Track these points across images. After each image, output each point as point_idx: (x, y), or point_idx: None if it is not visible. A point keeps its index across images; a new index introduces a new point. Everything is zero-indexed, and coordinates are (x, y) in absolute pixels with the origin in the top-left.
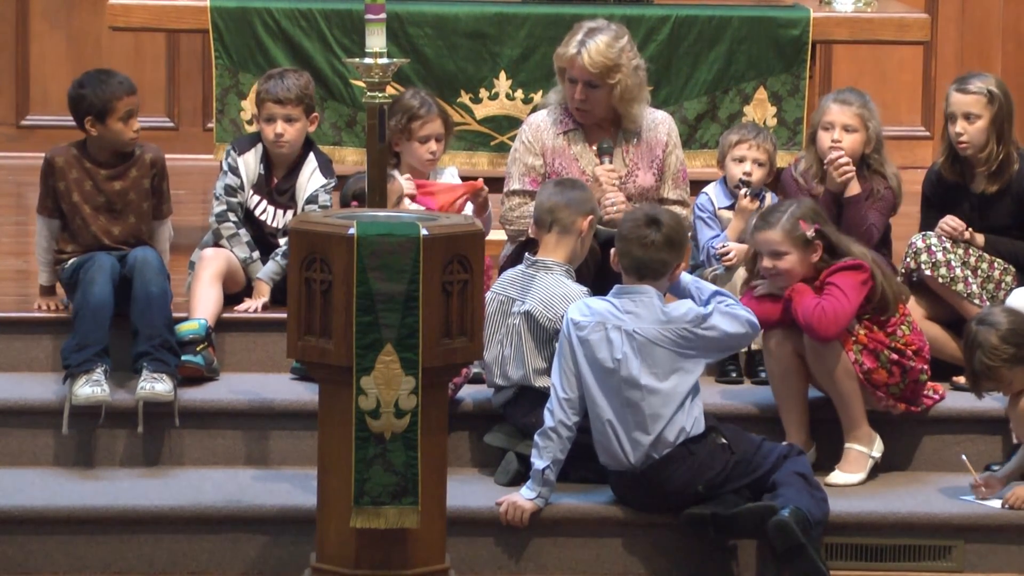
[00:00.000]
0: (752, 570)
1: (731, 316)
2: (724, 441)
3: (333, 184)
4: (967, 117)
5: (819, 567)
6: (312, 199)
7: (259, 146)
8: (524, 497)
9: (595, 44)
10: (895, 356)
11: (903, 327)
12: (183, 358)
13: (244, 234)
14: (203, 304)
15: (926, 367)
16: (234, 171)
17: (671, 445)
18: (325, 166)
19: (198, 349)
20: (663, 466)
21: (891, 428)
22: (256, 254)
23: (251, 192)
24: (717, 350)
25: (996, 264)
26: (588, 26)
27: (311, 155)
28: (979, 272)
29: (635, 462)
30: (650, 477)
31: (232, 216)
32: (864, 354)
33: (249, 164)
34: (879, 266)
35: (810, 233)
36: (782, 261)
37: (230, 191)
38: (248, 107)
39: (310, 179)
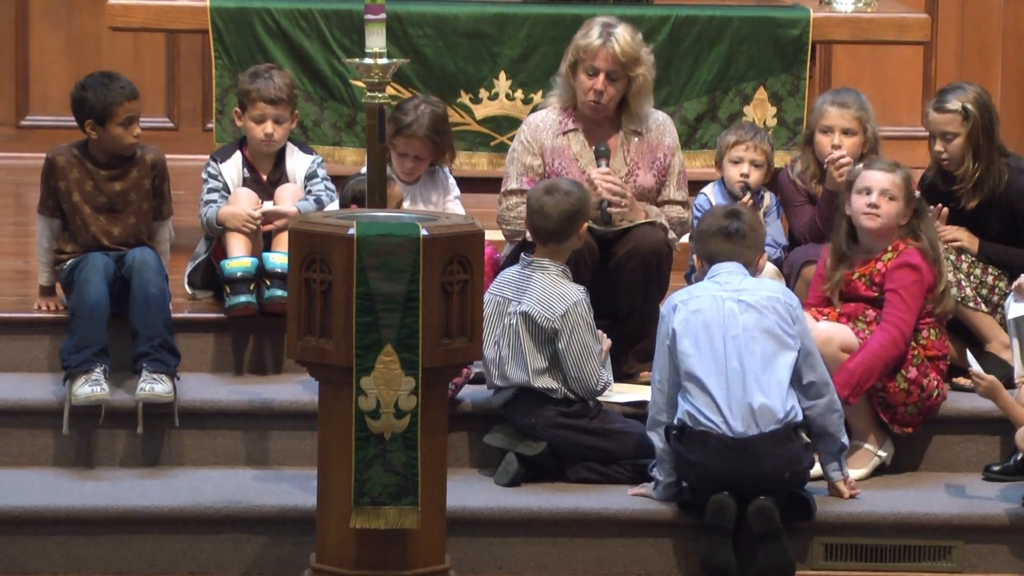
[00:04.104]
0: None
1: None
2: (807, 440)
3: (320, 158)
4: (944, 136)
5: (790, 556)
6: (311, 175)
7: (237, 154)
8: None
9: (622, 35)
10: (913, 372)
11: (932, 330)
12: (239, 299)
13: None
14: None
15: (940, 382)
16: (215, 178)
17: (778, 423)
18: (303, 147)
19: (251, 288)
20: (766, 441)
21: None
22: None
23: None
24: (805, 353)
25: (990, 270)
26: (603, 20)
27: (287, 143)
28: (972, 277)
29: (739, 430)
30: (751, 449)
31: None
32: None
33: (231, 170)
34: (941, 273)
35: (917, 193)
36: (888, 204)
37: (212, 192)
38: (232, 101)
39: (297, 161)
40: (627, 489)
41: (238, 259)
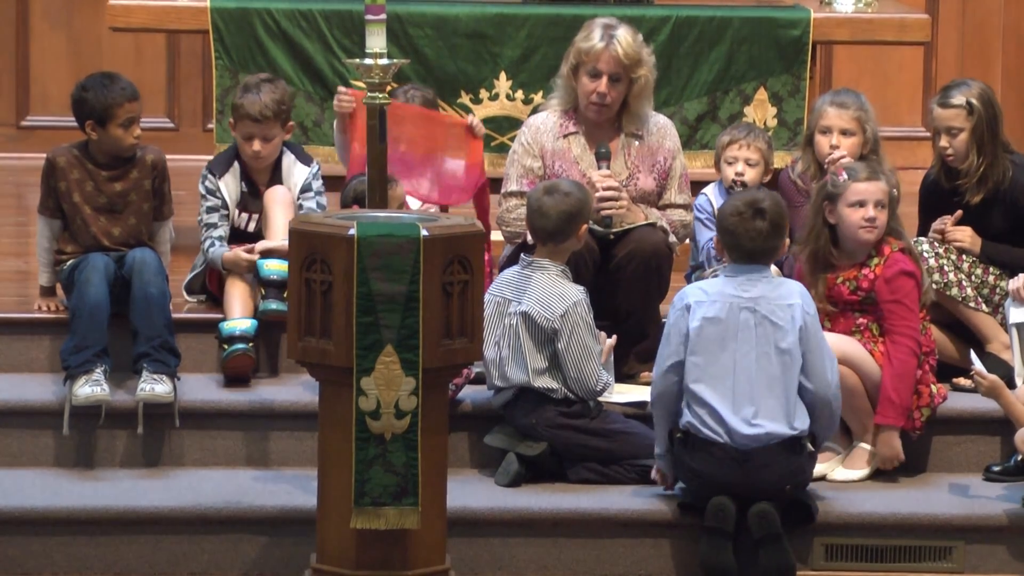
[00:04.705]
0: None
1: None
2: (812, 450)
3: (318, 167)
4: (949, 131)
5: (791, 560)
6: (306, 187)
7: (236, 165)
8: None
9: (624, 36)
10: (918, 373)
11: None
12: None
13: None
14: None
15: (934, 378)
16: (212, 194)
17: (780, 437)
18: (301, 155)
19: (249, 344)
20: (771, 453)
21: None
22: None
23: (238, 212)
24: (814, 361)
25: (991, 270)
26: (603, 22)
27: (284, 151)
28: (973, 277)
29: (744, 443)
30: (754, 461)
31: (218, 244)
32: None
33: (230, 185)
34: (923, 269)
35: (895, 192)
36: (882, 214)
37: (212, 212)
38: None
39: (294, 172)
40: (627, 489)
41: (237, 319)
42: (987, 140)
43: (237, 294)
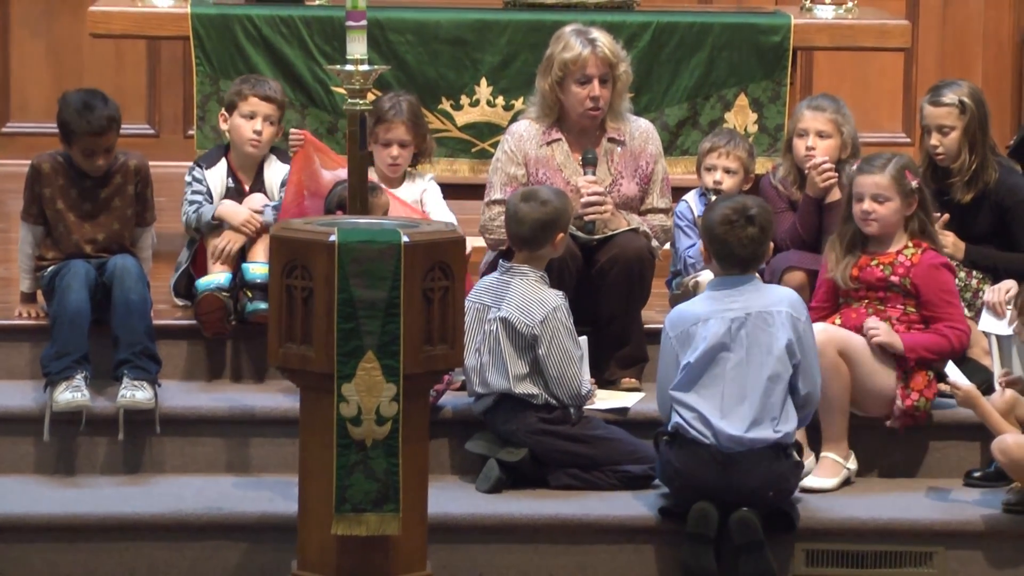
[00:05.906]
0: None
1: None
2: (798, 459)
3: None
4: (940, 130)
5: (772, 567)
6: (284, 183)
7: (223, 161)
8: None
9: (603, 37)
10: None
11: None
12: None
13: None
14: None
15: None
16: (199, 181)
17: (768, 444)
18: (282, 154)
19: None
20: (755, 458)
21: (872, 433)
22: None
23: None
24: (806, 366)
25: (974, 273)
26: (573, 29)
27: (267, 153)
28: (957, 280)
29: (729, 446)
30: (738, 465)
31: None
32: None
33: (215, 178)
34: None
35: (914, 184)
36: (883, 207)
37: (196, 194)
38: (214, 108)
39: (275, 171)
40: (608, 495)
41: (213, 275)
42: (979, 139)
43: (217, 256)
